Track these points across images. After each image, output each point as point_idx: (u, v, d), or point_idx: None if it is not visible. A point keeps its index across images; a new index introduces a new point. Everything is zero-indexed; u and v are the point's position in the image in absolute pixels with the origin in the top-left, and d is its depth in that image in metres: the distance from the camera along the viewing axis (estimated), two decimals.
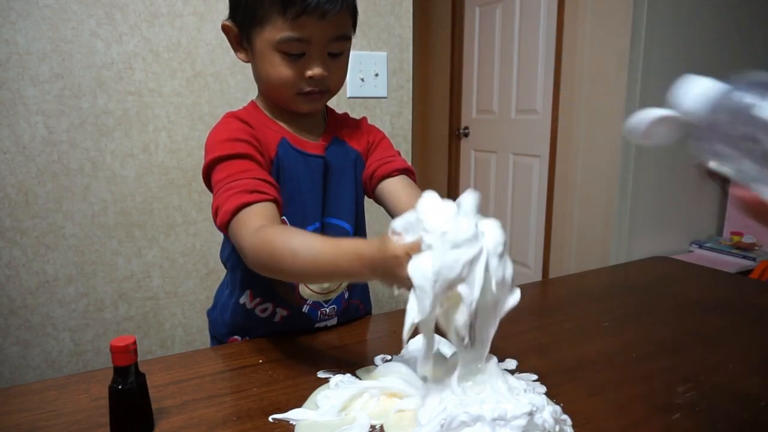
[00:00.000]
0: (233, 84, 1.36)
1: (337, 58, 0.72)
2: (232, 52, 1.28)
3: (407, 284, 0.49)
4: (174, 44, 1.29)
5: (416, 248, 0.48)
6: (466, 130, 3.12)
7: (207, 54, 1.32)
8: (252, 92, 1.45)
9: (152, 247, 1.36)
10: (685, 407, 0.57)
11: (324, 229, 0.78)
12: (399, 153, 0.85)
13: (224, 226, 0.64)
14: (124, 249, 1.33)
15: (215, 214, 0.65)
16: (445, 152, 3.31)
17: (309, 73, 0.69)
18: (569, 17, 2.36)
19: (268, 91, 0.76)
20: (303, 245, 0.57)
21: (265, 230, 0.60)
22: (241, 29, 0.72)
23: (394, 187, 0.80)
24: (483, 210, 0.51)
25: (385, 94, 1.55)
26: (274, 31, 0.67)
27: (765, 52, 2.45)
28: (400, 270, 0.48)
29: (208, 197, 1.46)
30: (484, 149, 3.01)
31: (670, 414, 0.56)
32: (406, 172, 0.82)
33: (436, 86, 3.35)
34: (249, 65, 0.76)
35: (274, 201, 0.66)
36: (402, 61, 1.56)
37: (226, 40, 0.76)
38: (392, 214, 0.78)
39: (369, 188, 0.83)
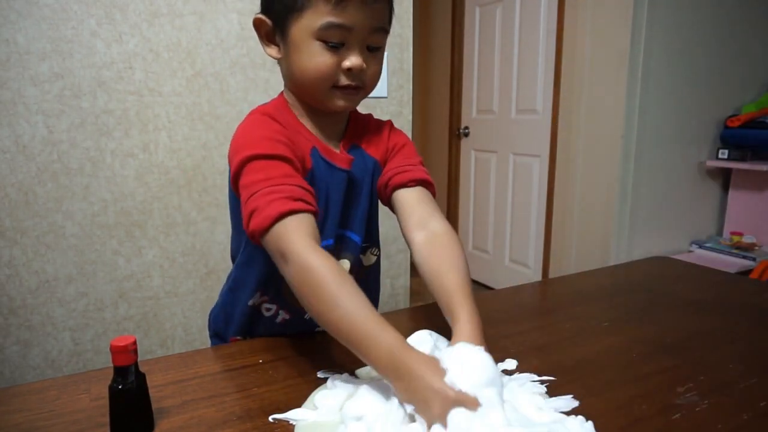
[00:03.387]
0: (233, 84, 1.36)
1: (374, 54, 0.70)
2: (232, 51, 1.27)
3: (431, 418, 0.47)
4: (174, 44, 1.29)
5: (472, 404, 0.47)
6: (466, 130, 3.12)
7: (207, 54, 1.32)
8: (252, 92, 1.45)
9: (152, 246, 1.36)
10: (685, 407, 0.57)
11: (338, 242, 0.77)
12: (422, 162, 0.80)
13: (262, 231, 0.60)
14: (124, 249, 1.33)
15: (249, 217, 0.61)
16: (445, 152, 3.31)
17: (347, 63, 0.67)
18: (569, 17, 2.36)
19: (300, 86, 0.72)
20: (346, 306, 0.55)
21: (322, 261, 0.57)
22: (276, 21, 0.70)
23: (408, 199, 0.75)
24: (483, 210, 0.51)
25: (385, 94, 1.55)
26: (315, 17, 0.65)
27: (765, 52, 2.45)
28: (438, 408, 0.47)
29: (208, 197, 1.46)
30: (484, 149, 3.01)
31: (670, 414, 0.56)
32: (423, 183, 0.76)
33: (436, 86, 3.35)
34: (249, 66, 0.76)
35: (315, 214, 0.63)
36: (402, 61, 1.56)
37: (226, 40, 0.76)
38: (403, 228, 0.75)
39: (384, 196, 0.79)
